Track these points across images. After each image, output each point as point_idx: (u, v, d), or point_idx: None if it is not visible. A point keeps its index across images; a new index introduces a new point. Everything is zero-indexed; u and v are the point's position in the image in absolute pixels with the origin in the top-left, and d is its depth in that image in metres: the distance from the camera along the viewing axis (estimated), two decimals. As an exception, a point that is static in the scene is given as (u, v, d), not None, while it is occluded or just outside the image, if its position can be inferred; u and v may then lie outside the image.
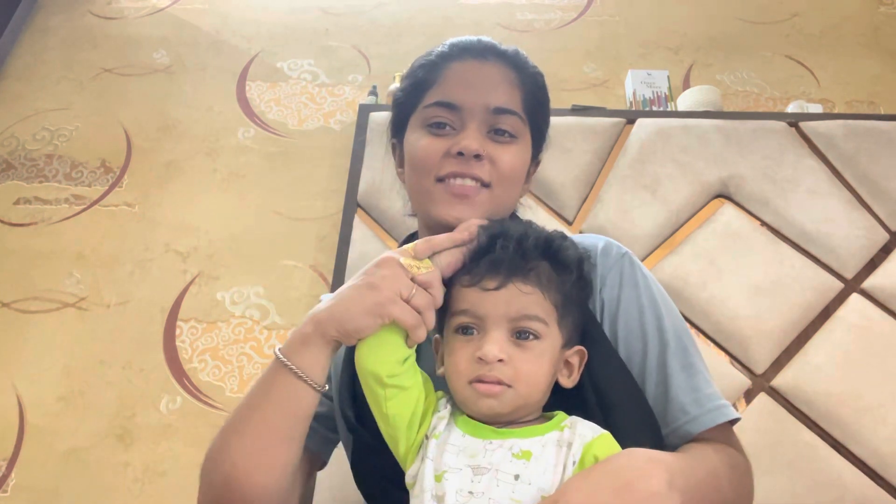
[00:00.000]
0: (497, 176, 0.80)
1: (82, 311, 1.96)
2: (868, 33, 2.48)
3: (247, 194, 2.14)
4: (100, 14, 2.62)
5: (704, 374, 0.77)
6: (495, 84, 0.82)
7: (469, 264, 0.69)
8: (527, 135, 0.85)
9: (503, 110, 0.81)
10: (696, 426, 0.73)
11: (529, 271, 0.67)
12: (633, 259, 0.83)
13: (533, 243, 0.69)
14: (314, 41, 2.49)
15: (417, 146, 0.82)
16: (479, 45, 0.85)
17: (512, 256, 0.67)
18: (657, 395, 0.75)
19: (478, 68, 0.83)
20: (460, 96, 0.81)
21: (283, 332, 1.90)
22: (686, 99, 2.12)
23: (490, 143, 0.81)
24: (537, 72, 0.88)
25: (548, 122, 0.90)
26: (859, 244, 1.78)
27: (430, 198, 0.81)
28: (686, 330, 0.80)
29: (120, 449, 1.75)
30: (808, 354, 1.65)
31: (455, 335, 0.68)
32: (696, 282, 1.73)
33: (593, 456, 0.60)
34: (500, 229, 0.70)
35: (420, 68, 0.86)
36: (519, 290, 0.66)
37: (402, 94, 0.88)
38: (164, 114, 2.32)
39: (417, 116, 0.84)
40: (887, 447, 1.53)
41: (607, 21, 2.53)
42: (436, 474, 0.61)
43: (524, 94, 0.84)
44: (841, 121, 1.96)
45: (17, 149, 2.28)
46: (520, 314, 0.66)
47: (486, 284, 0.67)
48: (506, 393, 0.64)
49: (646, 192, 1.86)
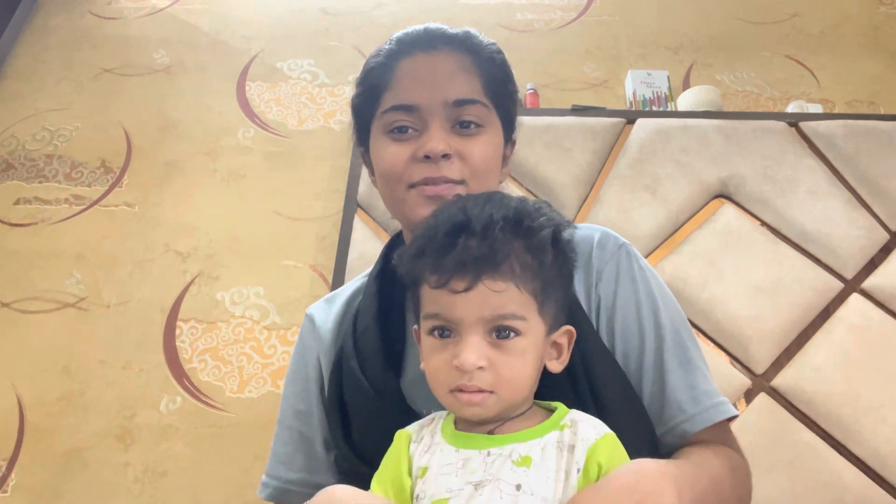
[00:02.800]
0: (470, 171, 0.76)
1: (82, 311, 1.96)
2: (868, 33, 2.48)
3: (247, 194, 2.14)
4: (100, 14, 2.62)
5: (703, 370, 0.75)
6: (450, 75, 0.78)
7: (434, 262, 0.62)
8: (494, 119, 0.80)
9: (463, 101, 0.77)
10: (694, 425, 0.71)
11: (500, 265, 0.60)
12: (630, 250, 0.80)
13: (500, 228, 0.61)
14: (314, 41, 2.49)
15: (383, 156, 0.79)
16: (426, 35, 0.81)
17: (478, 252, 0.60)
18: (654, 392, 0.73)
19: (429, 62, 0.79)
20: (416, 96, 0.77)
21: (282, 331, 1.90)
22: (686, 99, 2.12)
23: (456, 138, 0.77)
24: (494, 50, 0.83)
25: (514, 99, 0.85)
26: (859, 244, 1.78)
27: (405, 205, 0.78)
28: (685, 324, 0.78)
29: (120, 449, 1.75)
30: (808, 354, 1.65)
31: (430, 336, 0.63)
32: (696, 282, 1.73)
33: (597, 463, 0.57)
34: (463, 219, 0.62)
35: (371, 71, 0.82)
36: (491, 290, 0.60)
37: (358, 100, 0.84)
38: (164, 114, 2.32)
39: (377, 123, 0.80)
40: (887, 447, 1.53)
41: (607, 21, 2.53)
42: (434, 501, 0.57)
43: (484, 78, 0.79)
44: (841, 121, 1.96)
45: (17, 149, 2.28)
46: (495, 314, 0.60)
47: (455, 286, 0.60)
48: (489, 399, 0.60)
49: (646, 192, 1.86)
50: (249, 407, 1.78)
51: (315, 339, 0.88)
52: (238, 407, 1.79)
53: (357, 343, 0.79)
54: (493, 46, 0.83)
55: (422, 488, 0.59)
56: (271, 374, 1.84)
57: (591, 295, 0.77)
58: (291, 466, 0.84)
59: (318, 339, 0.87)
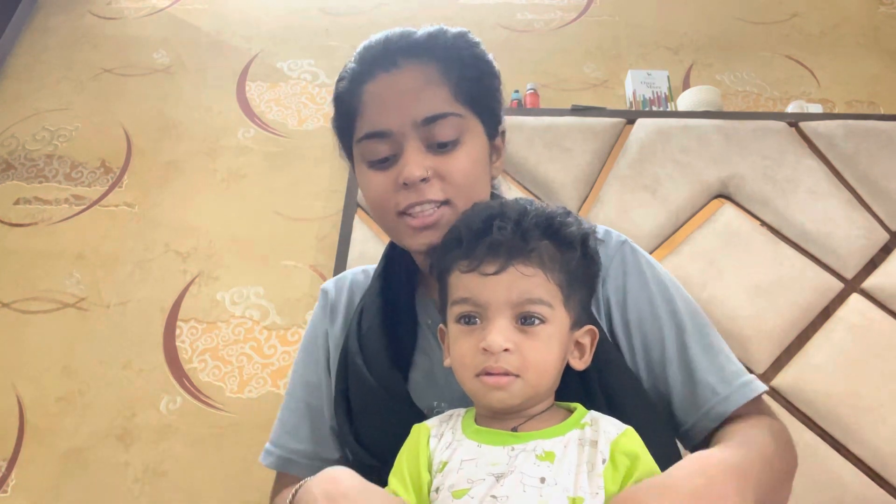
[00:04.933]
0: (453, 189, 0.74)
1: (82, 311, 1.96)
2: (868, 33, 2.48)
3: (247, 194, 2.14)
4: (100, 14, 2.62)
5: (726, 351, 0.76)
6: (415, 92, 0.75)
7: (466, 248, 0.65)
8: (472, 124, 0.77)
9: (433, 118, 0.74)
10: (729, 405, 0.72)
11: (531, 252, 0.63)
12: (633, 246, 0.80)
13: (533, 222, 0.65)
14: (314, 41, 2.49)
15: (367, 187, 0.78)
16: (385, 53, 0.77)
17: (511, 237, 0.63)
18: (682, 379, 0.74)
19: (391, 82, 0.76)
20: (385, 121, 0.75)
21: (282, 332, 1.90)
22: (686, 99, 2.12)
23: (433, 157, 0.74)
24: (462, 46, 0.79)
25: (492, 93, 0.81)
26: (859, 244, 1.78)
27: (397, 231, 0.77)
28: (699, 310, 0.78)
29: (120, 449, 1.75)
30: (808, 354, 1.65)
31: (457, 325, 0.65)
32: (696, 282, 1.73)
33: (626, 454, 0.57)
34: (498, 209, 0.66)
35: (340, 97, 0.81)
36: (520, 273, 0.62)
37: (335, 124, 0.83)
38: (164, 114, 2.32)
39: (357, 150, 0.79)
40: (887, 447, 1.53)
41: (607, 21, 2.54)
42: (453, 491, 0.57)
43: (453, 85, 0.76)
44: (841, 121, 1.96)
45: (17, 149, 2.28)
46: (523, 298, 0.62)
47: (486, 269, 0.63)
48: (514, 383, 0.61)
49: (646, 192, 1.86)
50: (249, 407, 1.78)
51: (327, 314, 0.89)
52: (238, 407, 1.79)
53: (361, 341, 0.79)
54: (461, 42, 0.79)
55: (441, 481, 0.60)
56: (271, 374, 1.84)
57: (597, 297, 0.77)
58: (297, 437, 0.84)
59: (331, 314, 0.89)
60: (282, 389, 1.80)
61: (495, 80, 0.82)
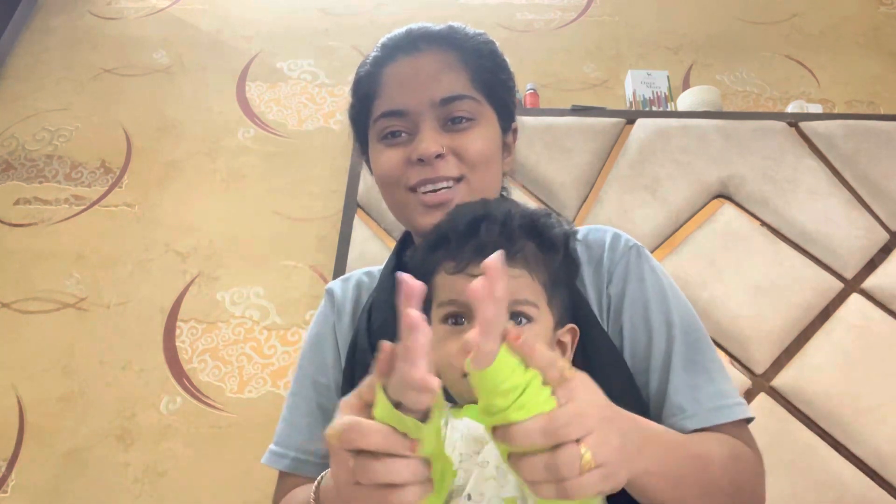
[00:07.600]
0: (467, 166, 0.77)
1: (82, 311, 1.96)
2: (868, 33, 2.48)
3: (247, 194, 2.14)
4: (100, 14, 2.62)
5: (711, 371, 0.73)
6: (434, 75, 0.78)
7: (453, 249, 0.66)
8: (487, 111, 0.80)
9: (450, 98, 0.77)
10: (690, 423, 0.69)
11: (516, 253, 0.64)
12: (641, 251, 0.79)
13: (518, 223, 0.66)
14: (314, 41, 2.49)
15: (379, 161, 0.80)
16: (407, 38, 0.81)
17: (497, 239, 0.64)
18: (658, 392, 0.73)
19: (412, 65, 0.79)
20: (403, 100, 0.78)
21: (282, 332, 1.90)
22: (686, 99, 2.12)
23: (448, 135, 0.77)
24: (480, 41, 0.82)
25: (508, 87, 0.84)
26: (859, 244, 1.78)
27: (407, 209, 0.79)
28: (697, 325, 0.77)
29: (120, 449, 1.75)
30: (808, 354, 1.65)
31: (443, 325, 0.65)
32: (696, 282, 1.73)
33: None
34: (482, 211, 0.67)
35: (361, 81, 0.84)
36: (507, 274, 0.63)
37: (353, 111, 0.86)
38: (164, 114, 2.32)
39: (372, 131, 0.82)
40: (887, 447, 1.53)
41: (607, 21, 2.53)
42: None
43: (471, 72, 0.79)
44: (841, 121, 1.96)
45: (17, 149, 2.28)
46: (510, 299, 0.61)
47: (473, 270, 0.63)
48: None
49: (646, 193, 1.86)
50: (249, 407, 1.78)
51: (334, 313, 0.88)
52: (238, 407, 1.79)
53: (372, 338, 0.78)
54: (479, 38, 0.82)
55: None
56: (271, 374, 1.83)
57: (602, 296, 0.77)
58: (310, 437, 0.83)
59: (338, 314, 0.88)
60: (282, 389, 1.80)
61: (510, 78, 0.85)
